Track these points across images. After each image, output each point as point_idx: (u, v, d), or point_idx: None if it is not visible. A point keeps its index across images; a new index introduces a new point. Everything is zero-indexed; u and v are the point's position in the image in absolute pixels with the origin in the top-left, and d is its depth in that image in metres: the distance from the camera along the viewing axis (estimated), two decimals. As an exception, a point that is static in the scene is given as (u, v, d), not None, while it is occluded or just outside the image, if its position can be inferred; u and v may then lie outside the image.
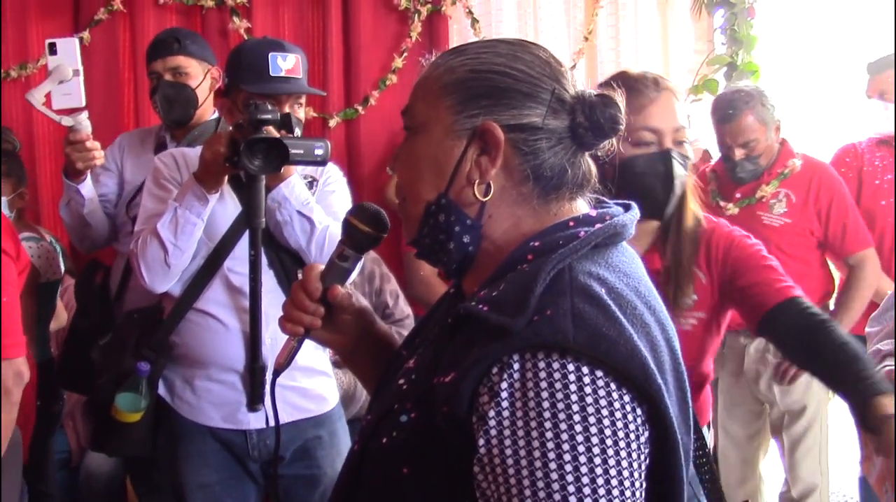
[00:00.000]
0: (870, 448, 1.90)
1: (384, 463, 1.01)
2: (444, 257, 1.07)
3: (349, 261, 1.20)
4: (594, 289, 0.94)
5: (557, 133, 1.03)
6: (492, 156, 1.02)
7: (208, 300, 2.11)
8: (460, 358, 0.93)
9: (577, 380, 0.88)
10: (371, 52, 3.78)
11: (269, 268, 2.11)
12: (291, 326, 1.20)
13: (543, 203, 1.04)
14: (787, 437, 3.01)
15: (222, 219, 2.12)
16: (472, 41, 1.12)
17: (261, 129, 1.93)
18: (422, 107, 1.07)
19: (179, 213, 2.02)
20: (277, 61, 2.09)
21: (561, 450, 0.86)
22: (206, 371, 2.11)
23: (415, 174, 1.07)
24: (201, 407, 2.12)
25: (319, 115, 3.72)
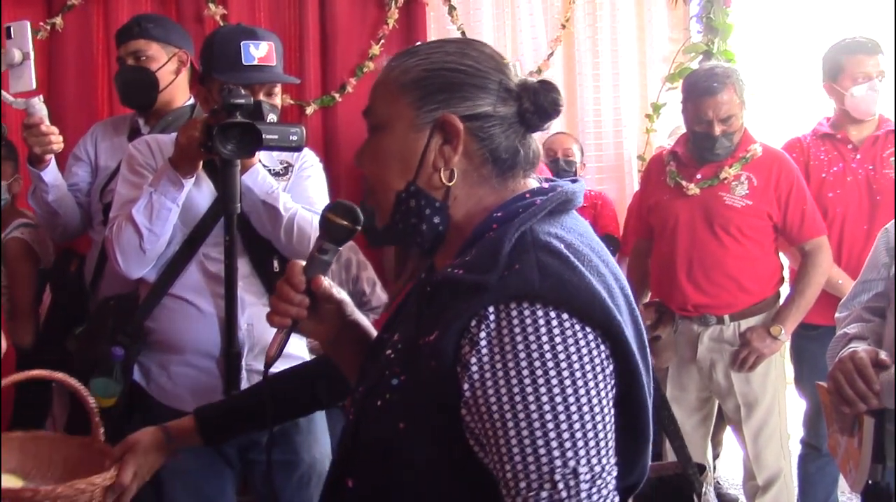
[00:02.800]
0: (833, 427, 1.94)
1: (381, 422, 1.11)
2: (417, 238, 1.18)
3: (329, 253, 1.29)
4: (554, 245, 1.07)
5: (508, 119, 1.15)
6: (454, 145, 1.14)
7: (184, 286, 2.11)
8: (440, 317, 1.06)
9: (546, 323, 1.01)
10: (348, 40, 3.76)
11: (244, 254, 2.12)
12: (279, 319, 1.29)
13: (501, 181, 1.17)
14: (747, 429, 3.03)
15: (198, 204, 2.12)
16: (420, 43, 1.25)
17: (234, 114, 1.94)
18: (382, 106, 1.18)
19: (154, 198, 2.02)
20: (250, 49, 2.10)
21: (537, 385, 0.98)
22: (181, 356, 2.11)
23: (383, 168, 1.17)
24: (177, 392, 2.12)
25: (296, 102, 3.70)
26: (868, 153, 3.14)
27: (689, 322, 3.04)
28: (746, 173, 2.98)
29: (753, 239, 2.99)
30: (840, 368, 1.81)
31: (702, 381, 3.09)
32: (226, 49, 2.12)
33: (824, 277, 2.99)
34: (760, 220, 2.98)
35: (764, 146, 3.04)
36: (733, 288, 3.00)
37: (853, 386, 1.77)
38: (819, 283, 2.98)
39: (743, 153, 3.01)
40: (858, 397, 1.76)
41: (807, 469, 3.26)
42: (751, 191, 2.96)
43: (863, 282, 2.07)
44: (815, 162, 3.19)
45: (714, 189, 3.00)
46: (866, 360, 1.76)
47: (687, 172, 3.07)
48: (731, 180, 2.98)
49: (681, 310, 3.03)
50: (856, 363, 1.78)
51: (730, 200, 2.97)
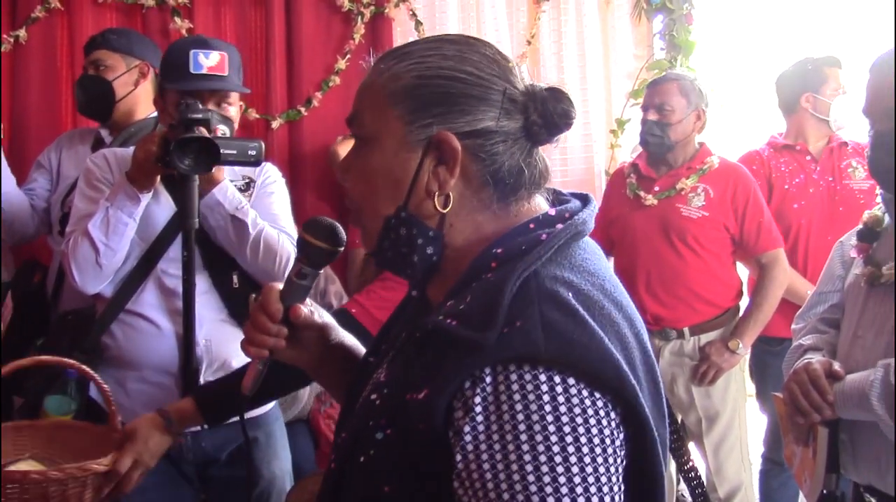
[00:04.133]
0: (789, 438, 1.96)
1: (364, 482, 0.99)
2: (408, 269, 1.06)
3: (307, 278, 1.18)
4: (561, 295, 0.94)
5: (512, 134, 1.02)
6: (450, 167, 1.00)
7: (141, 302, 2.09)
8: (432, 373, 0.93)
9: (549, 390, 0.88)
10: (314, 54, 3.76)
11: (204, 270, 2.10)
12: (255, 350, 1.18)
13: (503, 206, 1.03)
14: (708, 442, 3.06)
15: (156, 219, 2.10)
16: (414, 41, 1.10)
17: (192, 129, 1.92)
18: (370, 116, 1.04)
19: (111, 213, 2.00)
20: (199, 58, 2.07)
21: (538, 462, 0.85)
22: (138, 373, 2.09)
23: (370, 188, 1.05)
24: (134, 409, 2.06)
25: (262, 116, 3.69)
26: (827, 164, 3.22)
27: (650, 336, 3.06)
28: (703, 185, 3.03)
29: (711, 251, 3.03)
30: (795, 379, 1.84)
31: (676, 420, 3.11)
32: (176, 58, 2.10)
33: (781, 290, 3.03)
34: (717, 232, 3.02)
35: (721, 159, 3.10)
36: (692, 300, 3.03)
37: (807, 397, 1.80)
38: (776, 296, 3.02)
39: (700, 165, 3.07)
40: (813, 408, 1.79)
41: (769, 484, 3.29)
42: (707, 203, 3.01)
43: (818, 294, 2.11)
44: (777, 174, 3.25)
45: (671, 200, 3.05)
46: (820, 371, 1.80)
47: (646, 184, 3.13)
48: (687, 192, 3.03)
49: None
50: (810, 374, 1.81)
51: (686, 212, 3.01)
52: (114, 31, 2.89)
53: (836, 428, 1.82)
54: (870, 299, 1.83)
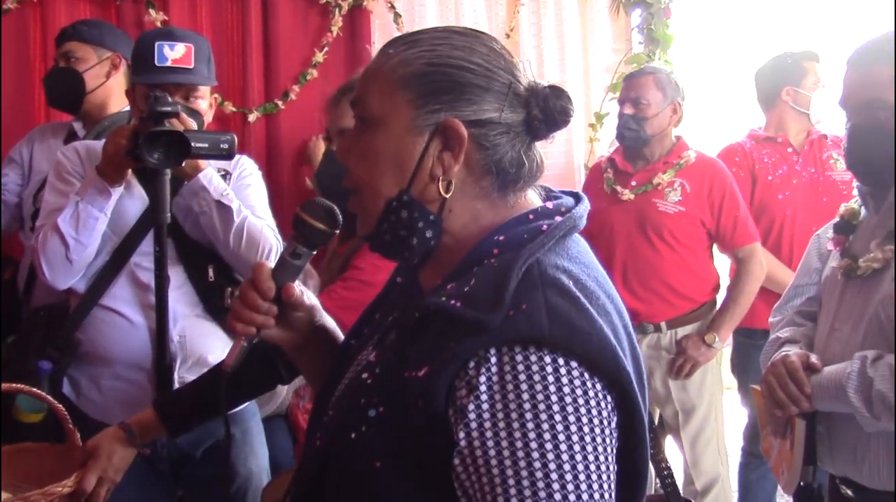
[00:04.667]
0: (767, 430, 1.97)
1: (354, 458, 1.00)
2: (405, 252, 1.08)
3: (302, 258, 1.18)
4: (563, 282, 0.98)
5: (514, 126, 1.05)
6: (455, 153, 1.03)
7: (114, 296, 2.06)
8: (433, 352, 0.95)
9: (553, 372, 0.92)
10: (291, 46, 3.73)
11: (178, 263, 2.08)
12: (243, 327, 1.18)
13: (502, 196, 1.07)
14: (685, 435, 3.07)
15: (129, 213, 2.07)
16: (423, 30, 1.12)
17: (162, 122, 1.89)
18: (377, 99, 1.06)
19: (81, 208, 1.97)
20: (164, 51, 2.04)
21: (542, 439, 0.89)
22: (112, 369, 2.06)
23: (373, 169, 1.06)
24: (108, 406, 2.07)
25: (239, 109, 3.66)
26: (808, 156, 3.23)
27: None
28: (680, 180, 3.04)
29: (687, 245, 3.03)
30: (772, 372, 1.84)
31: (650, 412, 3.12)
32: (141, 50, 2.08)
33: (757, 284, 3.05)
34: (693, 227, 3.03)
35: (698, 153, 3.11)
36: (668, 294, 3.04)
37: (785, 390, 1.80)
38: (752, 291, 3.03)
39: (676, 159, 3.07)
40: (790, 400, 1.80)
41: (748, 477, 3.31)
42: (684, 198, 3.01)
43: (795, 287, 2.11)
44: (760, 165, 3.25)
45: (648, 195, 3.06)
46: (797, 364, 1.80)
47: (623, 179, 3.13)
48: (664, 186, 3.03)
49: None
50: (787, 367, 1.81)
51: (663, 206, 3.02)
52: (85, 22, 2.85)
53: (814, 420, 1.82)
54: (846, 291, 1.84)
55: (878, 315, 1.72)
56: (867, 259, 1.78)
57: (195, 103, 2.09)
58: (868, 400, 1.65)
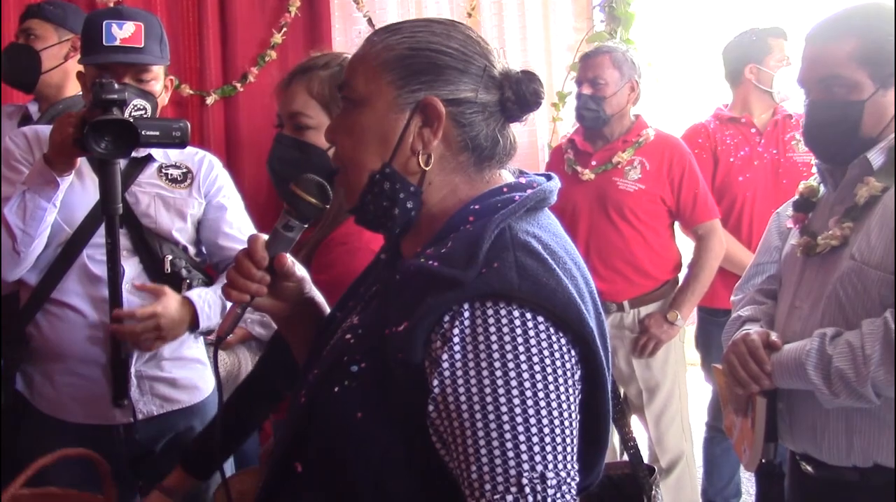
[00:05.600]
0: (728, 408, 1.98)
1: (336, 410, 1.08)
2: (387, 222, 1.16)
3: (294, 230, 1.24)
4: (533, 245, 1.06)
5: (489, 106, 1.14)
6: (434, 129, 1.12)
7: (66, 290, 1.99)
8: (411, 308, 1.03)
9: (521, 325, 1.00)
10: (249, 28, 3.66)
11: (133, 254, 2.02)
12: (237, 294, 1.24)
13: (478, 171, 1.15)
14: (649, 413, 3.09)
15: (81, 203, 2.00)
16: (404, 20, 1.22)
17: (109, 110, 1.82)
18: (362, 81, 1.15)
19: (28, 198, 1.89)
20: (112, 29, 1.96)
21: (510, 387, 0.97)
22: (65, 364, 2.01)
23: (359, 145, 1.15)
24: (62, 402, 2.02)
25: (196, 92, 3.60)
26: (771, 137, 3.24)
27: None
28: (639, 158, 3.04)
29: (648, 224, 3.05)
30: (733, 350, 1.85)
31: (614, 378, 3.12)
32: (89, 30, 1.99)
33: (717, 261, 3.07)
34: (654, 205, 3.04)
35: (657, 131, 3.12)
36: (630, 272, 3.05)
37: (746, 368, 1.81)
38: (712, 268, 3.05)
39: (635, 138, 3.08)
40: (751, 378, 1.81)
41: (712, 451, 3.34)
42: (643, 176, 3.02)
43: (756, 265, 2.12)
44: (723, 147, 3.26)
45: (608, 174, 3.06)
46: (758, 342, 1.80)
47: (583, 159, 3.13)
48: (624, 165, 3.04)
49: None
50: (748, 345, 1.81)
51: (623, 185, 3.03)
52: (51, 2, 2.77)
53: (775, 398, 1.83)
54: (806, 269, 1.85)
55: (836, 292, 1.73)
56: (826, 236, 1.79)
57: (148, 85, 2.01)
58: (827, 378, 1.66)
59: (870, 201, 1.74)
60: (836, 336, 1.68)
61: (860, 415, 1.71)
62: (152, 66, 2.03)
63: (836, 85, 1.74)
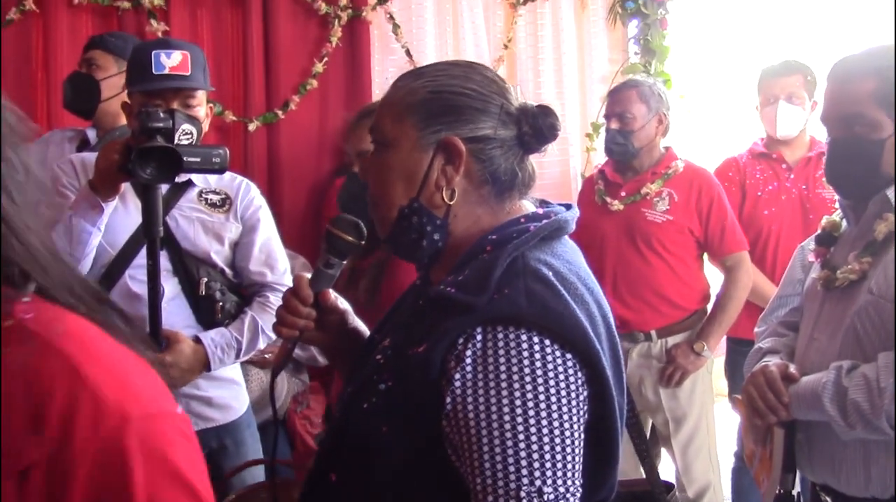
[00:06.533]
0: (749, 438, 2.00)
1: (365, 424, 1.17)
2: (417, 253, 1.25)
3: (334, 267, 1.35)
4: (543, 272, 1.14)
5: (507, 141, 1.22)
6: (456, 166, 1.20)
7: None
8: (431, 331, 1.12)
9: (528, 347, 1.08)
10: (291, 57, 3.77)
11: (172, 276, 2.09)
12: (287, 331, 1.35)
13: (499, 202, 1.24)
14: (676, 444, 3.08)
15: (124, 226, 2.08)
16: (427, 65, 1.33)
17: (154, 137, 1.90)
18: (389, 125, 1.24)
19: (74, 222, 1.97)
20: (161, 58, 2.05)
21: (514, 405, 1.05)
22: None
23: (387, 183, 1.24)
24: None
25: (239, 119, 3.71)
26: (801, 173, 3.24)
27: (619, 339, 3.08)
28: (668, 189, 3.07)
29: (676, 254, 3.06)
30: (752, 382, 1.88)
31: (633, 398, 3.14)
32: (138, 59, 2.08)
33: (745, 292, 3.07)
34: (682, 235, 3.06)
35: (686, 163, 3.14)
36: (658, 303, 3.07)
37: (764, 399, 1.84)
38: (740, 299, 3.06)
39: (664, 169, 3.10)
40: (769, 409, 1.83)
41: (740, 481, 3.32)
42: (672, 207, 3.05)
43: (780, 298, 2.15)
44: (751, 180, 3.28)
45: (637, 205, 3.09)
46: (776, 374, 1.83)
47: (613, 190, 3.16)
48: (652, 196, 3.07)
49: None
50: (766, 377, 1.84)
51: (651, 216, 3.05)
52: (113, 34, 2.93)
53: (793, 428, 1.85)
54: (826, 302, 1.87)
55: (854, 326, 1.75)
56: (844, 271, 1.81)
57: (194, 110, 2.10)
58: (843, 410, 1.68)
59: (888, 237, 1.76)
60: (853, 368, 1.71)
61: (877, 447, 1.72)
62: (198, 91, 2.12)
63: (856, 124, 1.77)
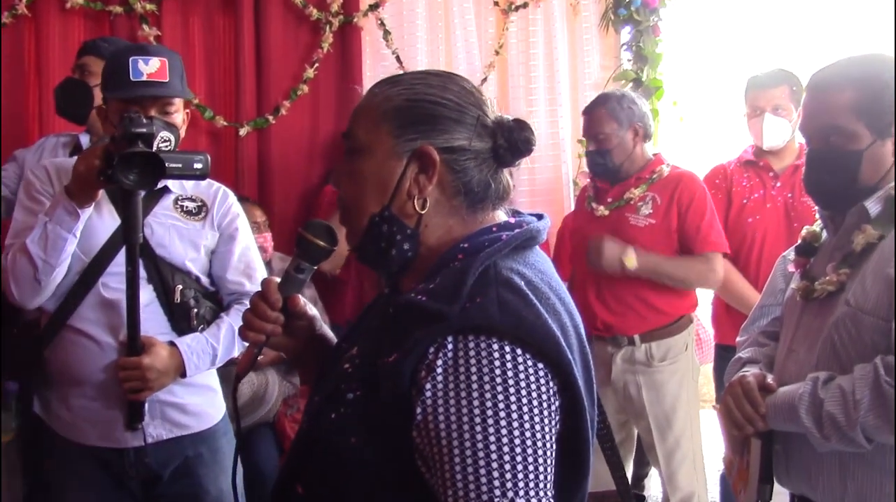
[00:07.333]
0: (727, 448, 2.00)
1: (334, 435, 1.14)
2: (385, 263, 1.23)
3: (305, 272, 1.32)
4: (515, 281, 1.12)
5: (482, 153, 1.21)
6: (429, 175, 1.19)
7: (82, 318, 2.05)
8: (401, 341, 1.10)
9: (500, 357, 1.06)
10: (282, 62, 3.80)
11: (147, 283, 2.07)
12: (254, 334, 1.32)
13: (471, 213, 1.22)
14: (661, 451, 3.06)
15: (99, 232, 2.07)
16: (404, 73, 1.34)
17: (136, 143, 1.89)
18: (363, 131, 1.22)
19: (49, 229, 1.95)
20: (139, 65, 2.03)
21: (485, 416, 1.03)
22: (80, 389, 2.06)
23: (359, 190, 1.22)
24: (77, 425, 2.07)
25: (230, 124, 3.73)
26: (788, 181, 3.24)
27: (603, 343, 3.10)
28: (652, 194, 3.08)
29: None
30: (729, 392, 1.88)
31: (618, 403, 3.14)
32: (115, 66, 2.06)
33: (705, 284, 3.07)
34: (666, 238, 3.05)
35: (672, 167, 3.14)
36: (641, 308, 3.06)
37: (741, 410, 1.83)
38: (693, 280, 3.04)
39: (649, 174, 3.11)
40: (746, 420, 1.83)
41: (728, 487, 3.31)
42: (654, 211, 3.05)
43: (761, 307, 2.15)
44: (737, 188, 3.28)
45: (621, 210, 3.10)
46: (753, 384, 1.83)
47: (600, 196, 3.18)
48: (636, 201, 3.08)
49: (593, 330, 3.09)
50: (744, 387, 1.84)
51: (634, 220, 3.06)
52: (106, 39, 2.91)
53: (770, 439, 1.85)
54: (804, 313, 1.87)
55: (831, 337, 1.75)
56: (823, 282, 1.81)
57: (172, 117, 2.08)
58: (819, 421, 1.68)
59: (866, 248, 1.76)
60: (829, 380, 1.70)
61: (854, 460, 1.72)
62: (176, 98, 2.10)
63: (834, 135, 1.76)
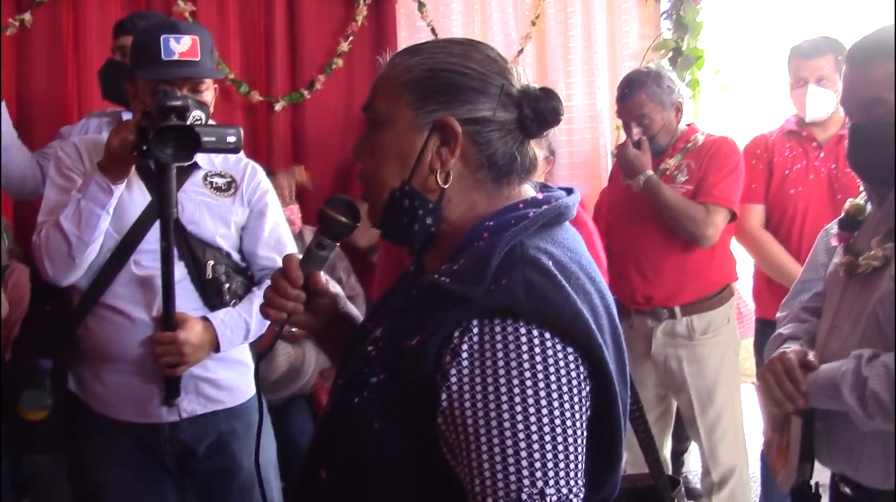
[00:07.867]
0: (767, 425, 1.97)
1: (357, 420, 1.11)
2: (408, 238, 1.19)
3: (327, 249, 1.29)
4: (542, 262, 1.07)
5: (507, 124, 1.16)
6: (451, 147, 1.14)
7: (115, 295, 2.05)
8: (424, 323, 1.06)
9: (528, 341, 1.01)
10: (316, 37, 3.78)
11: (179, 260, 2.06)
12: (275, 312, 1.28)
13: (496, 187, 1.17)
14: (702, 425, 3.03)
15: (130, 209, 2.06)
16: (425, 41, 1.25)
17: (170, 117, 1.87)
18: (383, 103, 1.18)
19: (83, 205, 1.95)
20: (170, 44, 2.00)
21: (513, 403, 0.99)
22: (114, 365, 2.07)
23: (380, 164, 1.18)
24: (111, 401, 2.08)
25: (265, 98, 3.73)
26: (832, 152, 3.14)
27: (643, 317, 3.07)
28: (687, 161, 3.03)
29: None
30: (769, 369, 1.84)
31: (658, 377, 3.11)
32: (146, 44, 2.03)
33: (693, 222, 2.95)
34: None
35: (707, 135, 3.09)
36: (679, 277, 3.03)
37: (781, 387, 1.80)
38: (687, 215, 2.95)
39: (684, 144, 3.07)
40: (786, 397, 1.79)
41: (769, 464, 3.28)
42: (690, 177, 3.02)
43: (802, 282, 2.09)
44: (779, 158, 3.19)
45: None
46: (794, 361, 1.79)
47: None
48: (672, 170, 3.04)
49: (632, 303, 3.07)
50: (784, 364, 1.80)
51: None
52: (141, 14, 2.87)
53: (811, 417, 1.81)
54: (848, 289, 1.82)
55: (875, 313, 1.70)
56: (867, 257, 1.76)
57: (202, 95, 2.06)
58: (862, 399, 1.64)
59: (911, 222, 1.71)
60: (873, 357, 1.65)
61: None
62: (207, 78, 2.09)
63: (877, 106, 1.70)
